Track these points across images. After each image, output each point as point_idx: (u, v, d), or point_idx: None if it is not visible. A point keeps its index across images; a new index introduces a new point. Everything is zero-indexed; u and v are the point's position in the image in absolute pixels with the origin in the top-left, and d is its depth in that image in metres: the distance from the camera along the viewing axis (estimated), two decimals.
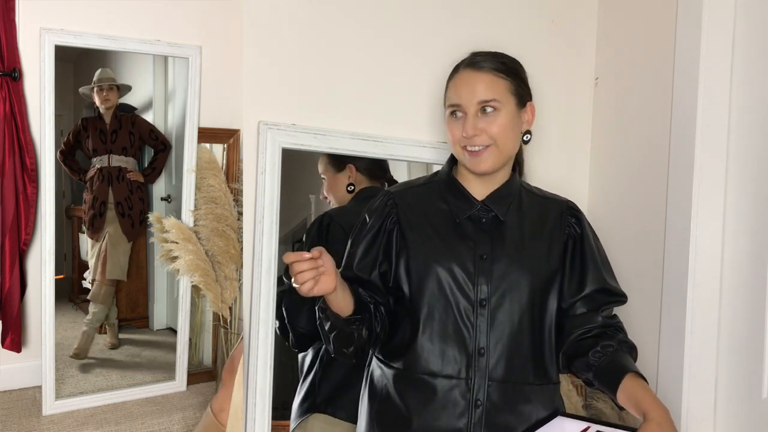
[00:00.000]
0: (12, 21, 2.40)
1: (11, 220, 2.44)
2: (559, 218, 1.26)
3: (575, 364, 1.21)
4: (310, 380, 1.53)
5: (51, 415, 2.47)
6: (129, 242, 2.79)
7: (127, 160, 2.74)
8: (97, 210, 2.72)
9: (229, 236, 2.56)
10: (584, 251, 1.25)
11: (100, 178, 2.71)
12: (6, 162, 2.41)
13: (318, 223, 1.56)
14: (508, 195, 1.24)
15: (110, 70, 2.69)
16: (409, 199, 1.26)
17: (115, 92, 2.73)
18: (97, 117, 2.73)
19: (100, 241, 2.75)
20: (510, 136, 1.21)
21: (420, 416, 1.16)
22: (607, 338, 1.19)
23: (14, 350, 2.52)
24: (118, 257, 2.78)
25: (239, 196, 2.60)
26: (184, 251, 2.48)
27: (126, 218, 2.76)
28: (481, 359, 1.16)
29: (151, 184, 2.82)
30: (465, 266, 1.18)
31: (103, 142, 2.71)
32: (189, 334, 2.79)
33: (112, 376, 2.74)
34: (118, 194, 2.73)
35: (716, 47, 1.49)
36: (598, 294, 1.23)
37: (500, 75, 1.21)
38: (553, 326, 1.23)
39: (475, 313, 1.17)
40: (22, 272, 2.52)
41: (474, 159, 1.20)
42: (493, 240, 1.20)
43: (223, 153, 2.81)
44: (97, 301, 2.73)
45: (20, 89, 2.44)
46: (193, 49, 2.68)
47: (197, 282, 2.52)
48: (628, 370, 1.13)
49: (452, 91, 1.23)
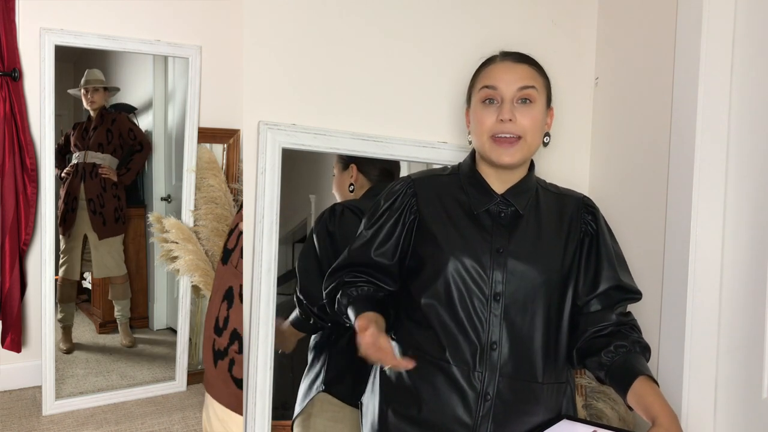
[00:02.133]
0: (12, 21, 2.40)
1: (11, 220, 2.44)
2: (575, 215, 1.26)
3: (588, 362, 1.21)
4: (319, 364, 1.54)
5: (51, 415, 2.47)
6: (100, 240, 2.75)
7: (103, 157, 2.72)
8: (69, 205, 2.70)
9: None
10: (600, 248, 1.25)
11: (74, 174, 2.70)
12: (6, 162, 2.41)
13: (330, 211, 1.56)
14: (527, 190, 1.25)
15: (99, 72, 2.69)
16: (430, 189, 1.26)
17: (101, 93, 2.71)
18: (86, 118, 2.73)
19: (71, 242, 2.72)
20: (538, 133, 1.22)
21: (430, 403, 1.17)
22: (621, 338, 1.19)
23: (14, 350, 2.52)
24: (101, 258, 2.77)
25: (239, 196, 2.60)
26: (184, 251, 2.48)
27: (97, 216, 2.73)
28: (492, 353, 1.16)
29: (125, 184, 2.79)
30: (480, 259, 1.18)
31: (83, 138, 2.71)
32: (189, 334, 2.80)
33: (112, 376, 2.74)
34: (90, 191, 2.71)
35: (716, 47, 1.49)
36: (613, 291, 1.23)
37: (538, 70, 1.24)
38: (567, 324, 1.23)
39: (488, 307, 1.17)
40: (22, 272, 2.52)
41: (501, 149, 1.19)
42: (510, 234, 1.20)
43: (223, 153, 2.81)
44: (64, 301, 2.73)
45: (20, 89, 2.44)
46: (193, 49, 2.68)
47: (197, 282, 2.53)
48: (639, 372, 1.13)
49: (488, 76, 1.23)
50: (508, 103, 1.19)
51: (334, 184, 1.68)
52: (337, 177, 1.68)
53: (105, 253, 2.77)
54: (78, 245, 2.74)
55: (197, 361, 2.91)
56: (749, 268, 1.45)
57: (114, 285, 2.83)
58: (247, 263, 1.53)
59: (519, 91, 1.19)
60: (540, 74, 1.24)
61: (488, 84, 1.21)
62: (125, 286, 2.84)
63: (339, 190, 1.67)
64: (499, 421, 1.15)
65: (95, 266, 2.77)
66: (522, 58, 1.24)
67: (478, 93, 1.23)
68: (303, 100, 1.58)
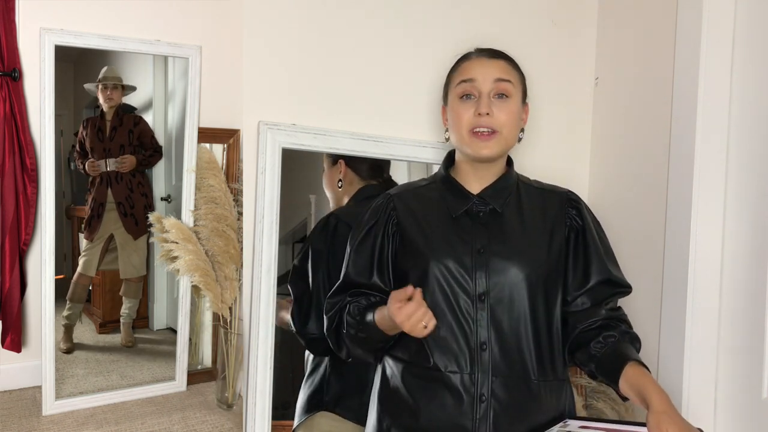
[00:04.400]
0: (12, 21, 2.40)
1: (11, 220, 2.44)
2: (559, 210, 1.26)
3: (577, 355, 1.21)
4: (319, 377, 1.53)
5: (51, 415, 2.47)
6: (135, 240, 2.79)
7: (123, 160, 2.74)
8: (95, 211, 2.72)
9: (229, 236, 2.55)
10: (587, 243, 1.24)
11: (100, 180, 2.72)
12: (6, 162, 2.41)
13: (324, 223, 1.54)
14: (505, 188, 1.25)
15: (116, 69, 2.70)
16: (409, 201, 1.27)
17: (119, 91, 2.73)
18: (99, 116, 2.73)
19: (95, 241, 2.74)
20: (514, 128, 1.23)
21: (427, 410, 1.17)
22: (609, 329, 1.20)
23: (14, 350, 2.52)
24: (128, 257, 2.79)
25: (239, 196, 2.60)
26: (184, 251, 2.48)
27: (129, 217, 2.76)
28: (483, 354, 1.16)
29: (145, 169, 2.81)
30: (462, 261, 1.18)
31: (100, 140, 2.71)
32: (189, 334, 2.79)
33: (112, 376, 2.74)
34: (117, 195, 2.73)
35: (716, 47, 1.49)
36: (603, 286, 1.23)
37: (513, 65, 1.25)
38: (559, 320, 1.23)
39: (474, 308, 1.17)
40: (22, 272, 2.52)
41: (480, 142, 1.20)
42: (490, 234, 1.20)
43: (223, 153, 2.81)
44: (75, 300, 2.75)
45: (20, 89, 2.44)
46: (193, 49, 2.68)
47: (197, 282, 2.52)
48: (629, 358, 1.13)
49: (465, 71, 1.24)
50: (485, 97, 1.20)
51: (324, 181, 1.67)
52: (326, 173, 1.66)
53: (132, 251, 2.79)
54: (100, 244, 2.76)
55: (197, 361, 2.90)
56: (749, 268, 1.45)
57: (129, 282, 2.85)
58: (247, 263, 1.53)
59: (495, 83, 1.20)
60: (515, 69, 1.25)
61: (465, 78, 1.23)
62: (140, 285, 2.86)
63: (329, 186, 1.66)
64: (497, 422, 1.15)
65: (123, 265, 2.79)
66: (497, 54, 1.25)
67: (456, 88, 1.24)
68: (303, 100, 1.58)
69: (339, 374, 1.51)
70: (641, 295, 1.62)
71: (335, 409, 1.49)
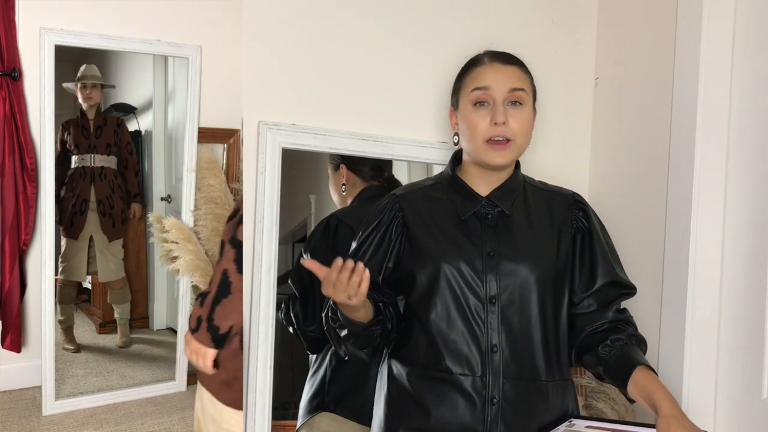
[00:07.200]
0: (12, 21, 2.40)
1: (11, 220, 2.44)
2: (566, 212, 1.26)
3: (585, 358, 1.22)
4: (320, 378, 1.53)
5: (51, 415, 2.47)
6: (110, 242, 2.75)
7: (110, 159, 2.72)
8: (78, 208, 2.68)
9: None
10: (593, 245, 1.25)
11: (83, 176, 2.68)
12: (6, 162, 2.41)
13: (325, 224, 1.54)
14: (513, 190, 1.24)
15: (96, 67, 2.67)
16: (415, 201, 1.26)
17: (99, 90, 2.70)
18: (79, 115, 2.69)
19: (79, 242, 2.71)
20: (527, 135, 1.22)
21: (437, 412, 1.16)
22: (617, 332, 1.20)
23: (14, 350, 2.52)
24: (106, 262, 2.77)
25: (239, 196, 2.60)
26: (184, 251, 2.48)
27: (107, 217, 2.73)
28: (494, 356, 1.16)
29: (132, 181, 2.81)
30: (473, 264, 1.18)
31: (86, 138, 2.67)
32: None
33: (112, 376, 2.74)
34: (100, 192, 2.71)
35: (716, 47, 1.49)
36: (609, 287, 1.24)
37: (525, 71, 1.24)
38: (566, 321, 1.23)
39: (485, 311, 1.17)
40: (22, 272, 2.52)
41: (495, 151, 1.19)
42: (499, 236, 1.20)
43: (223, 153, 2.81)
44: (64, 303, 2.73)
45: (20, 89, 2.44)
46: (193, 49, 2.68)
47: (197, 282, 2.52)
48: (637, 363, 1.14)
49: (478, 78, 1.21)
50: (500, 106, 1.19)
51: (330, 187, 1.68)
52: (330, 178, 1.68)
53: (110, 255, 2.77)
54: (84, 247, 2.73)
55: None
56: (749, 268, 1.45)
57: (113, 290, 2.83)
58: (247, 263, 1.53)
59: (510, 93, 1.19)
60: (527, 75, 1.24)
61: (479, 86, 1.21)
62: (124, 290, 2.84)
63: (334, 191, 1.67)
64: (509, 423, 1.15)
65: (101, 270, 2.77)
66: (511, 60, 1.24)
67: (469, 95, 1.22)
68: (303, 101, 1.57)
69: (339, 374, 1.52)
70: (641, 295, 1.61)
71: (336, 409, 1.49)
